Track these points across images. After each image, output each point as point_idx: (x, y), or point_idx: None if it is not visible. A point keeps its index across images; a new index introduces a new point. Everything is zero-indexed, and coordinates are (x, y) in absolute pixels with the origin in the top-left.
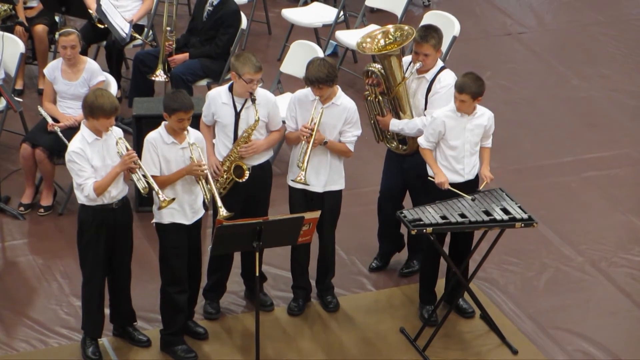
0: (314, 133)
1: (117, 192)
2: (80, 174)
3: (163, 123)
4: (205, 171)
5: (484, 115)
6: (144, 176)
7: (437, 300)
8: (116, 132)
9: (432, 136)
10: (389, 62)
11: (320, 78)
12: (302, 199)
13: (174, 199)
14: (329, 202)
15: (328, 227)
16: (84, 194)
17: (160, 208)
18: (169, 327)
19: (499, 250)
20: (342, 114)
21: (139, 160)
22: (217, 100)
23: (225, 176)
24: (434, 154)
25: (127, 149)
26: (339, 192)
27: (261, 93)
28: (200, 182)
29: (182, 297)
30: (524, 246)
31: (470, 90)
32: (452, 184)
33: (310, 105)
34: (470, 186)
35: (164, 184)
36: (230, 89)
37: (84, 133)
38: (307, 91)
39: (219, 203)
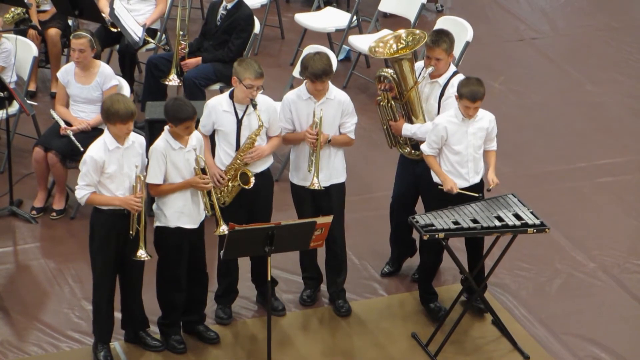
0: (319, 137)
1: None
2: (84, 178)
3: (166, 128)
4: (209, 185)
5: (484, 119)
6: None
7: (437, 296)
8: (138, 141)
9: (436, 142)
10: (400, 67)
11: (326, 70)
12: (308, 194)
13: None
14: (336, 195)
15: (337, 220)
16: (77, 195)
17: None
18: (165, 318)
19: (511, 255)
20: (338, 107)
21: (142, 210)
22: (218, 108)
23: (231, 184)
24: (437, 159)
25: (138, 193)
26: (343, 184)
27: (262, 99)
28: (203, 195)
29: (179, 296)
30: (536, 252)
31: (481, 96)
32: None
33: (304, 105)
34: (476, 189)
35: (167, 193)
36: (231, 96)
37: (106, 139)
38: (298, 91)
39: (220, 218)
